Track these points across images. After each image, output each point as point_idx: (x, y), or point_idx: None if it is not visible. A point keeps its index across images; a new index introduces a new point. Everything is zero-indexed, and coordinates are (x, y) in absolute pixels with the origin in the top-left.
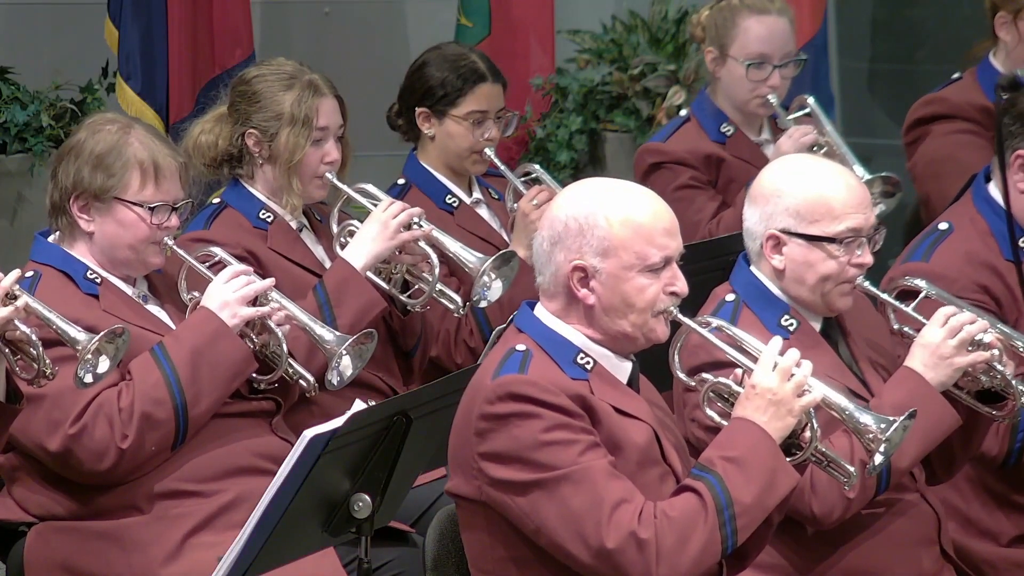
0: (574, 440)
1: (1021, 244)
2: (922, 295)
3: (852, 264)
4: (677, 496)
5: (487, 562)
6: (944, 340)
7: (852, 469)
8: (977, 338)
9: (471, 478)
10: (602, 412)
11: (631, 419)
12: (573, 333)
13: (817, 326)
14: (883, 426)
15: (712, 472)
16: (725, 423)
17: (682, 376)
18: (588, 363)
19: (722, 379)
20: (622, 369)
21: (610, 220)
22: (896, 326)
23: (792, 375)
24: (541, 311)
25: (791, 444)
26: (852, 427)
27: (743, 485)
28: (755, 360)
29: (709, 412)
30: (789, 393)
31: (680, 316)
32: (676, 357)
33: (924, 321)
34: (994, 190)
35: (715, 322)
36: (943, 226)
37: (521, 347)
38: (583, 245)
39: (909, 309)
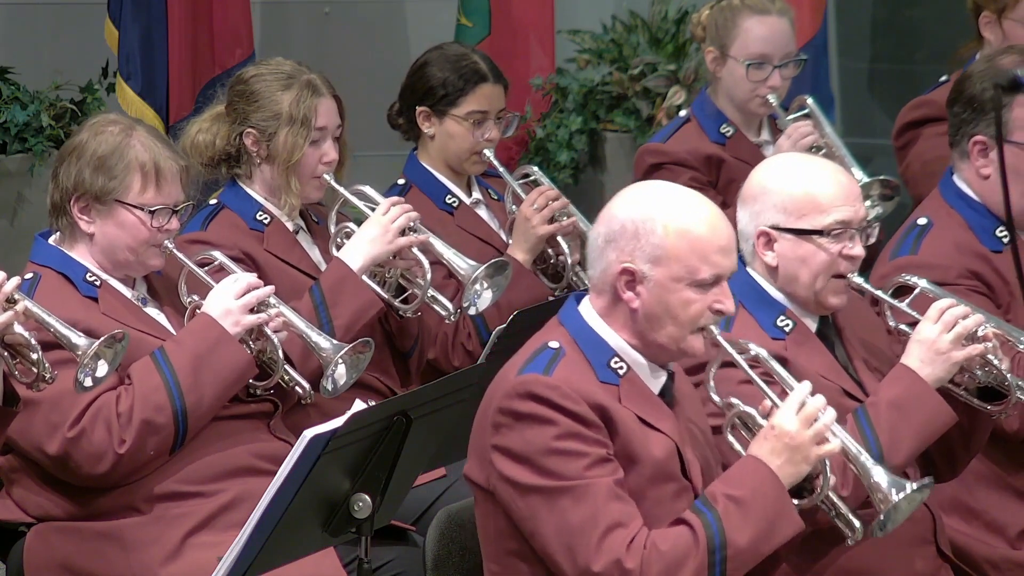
0: (584, 452)
1: (998, 234)
2: (917, 291)
3: (843, 256)
4: (672, 528)
5: (494, 551)
6: (940, 335)
7: (859, 525)
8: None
9: (484, 466)
10: (622, 422)
11: (654, 431)
12: (612, 335)
13: (813, 327)
14: (895, 489)
15: (712, 510)
16: (743, 453)
17: (714, 397)
18: (622, 368)
19: (749, 408)
20: (656, 380)
21: (667, 228)
22: (892, 324)
23: (815, 420)
24: (586, 306)
25: (802, 487)
26: (865, 483)
27: (740, 528)
28: (783, 395)
29: (731, 439)
30: (807, 440)
31: (720, 338)
32: (711, 379)
33: (919, 317)
34: (961, 183)
35: (754, 350)
36: (922, 221)
37: (555, 344)
38: (636, 249)
39: (904, 305)
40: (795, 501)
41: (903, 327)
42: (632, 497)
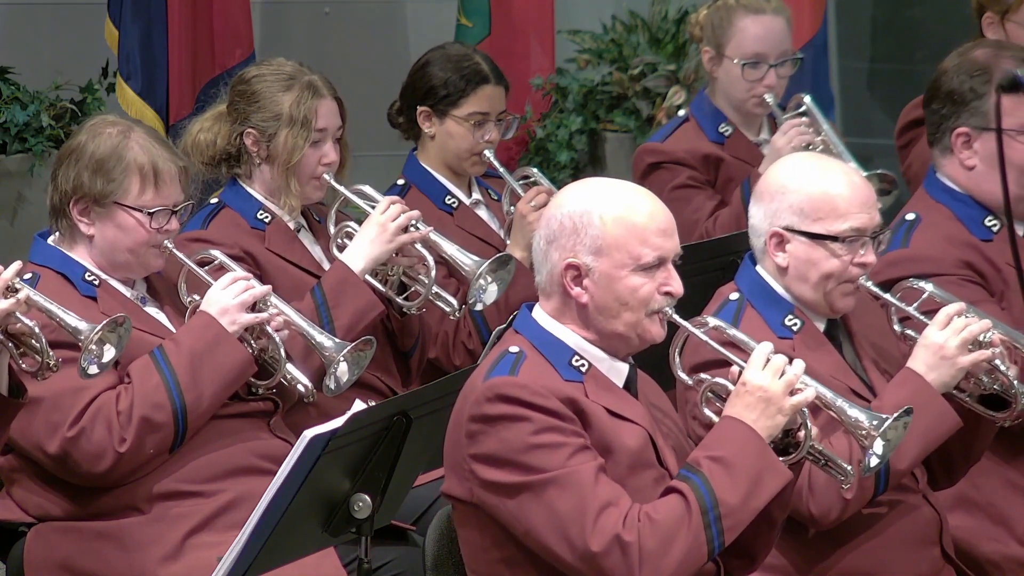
0: (563, 443)
1: (987, 223)
2: (925, 295)
3: (855, 263)
4: (662, 498)
5: (480, 563)
6: (947, 341)
7: (849, 468)
8: (979, 338)
9: (463, 480)
10: (593, 415)
11: (624, 422)
12: (568, 334)
13: (821, 326)
14: (875, 423)
15: (698, 473)
16: None
17: (682, 375)
18: (583, 365)
19: (719, 379)
20: (618, 372)
21: (604, 219)
22: (898, 328)
23: (784, 373)
24: (538, 312)
25: (788, 443)
26: (845, 423)
27: (729, 486)
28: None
29: (707, 412)
30: (780, 391)
31: (676, 317)
32: (676, 358)
33: (926, 321)
34: (944, 179)
35: (712, 322)
36: (910, 216)
37: (514, 349)
38: (577, 243)
39: (912, 309)
40: (782, 459)
41: (908, 331)
42: None
